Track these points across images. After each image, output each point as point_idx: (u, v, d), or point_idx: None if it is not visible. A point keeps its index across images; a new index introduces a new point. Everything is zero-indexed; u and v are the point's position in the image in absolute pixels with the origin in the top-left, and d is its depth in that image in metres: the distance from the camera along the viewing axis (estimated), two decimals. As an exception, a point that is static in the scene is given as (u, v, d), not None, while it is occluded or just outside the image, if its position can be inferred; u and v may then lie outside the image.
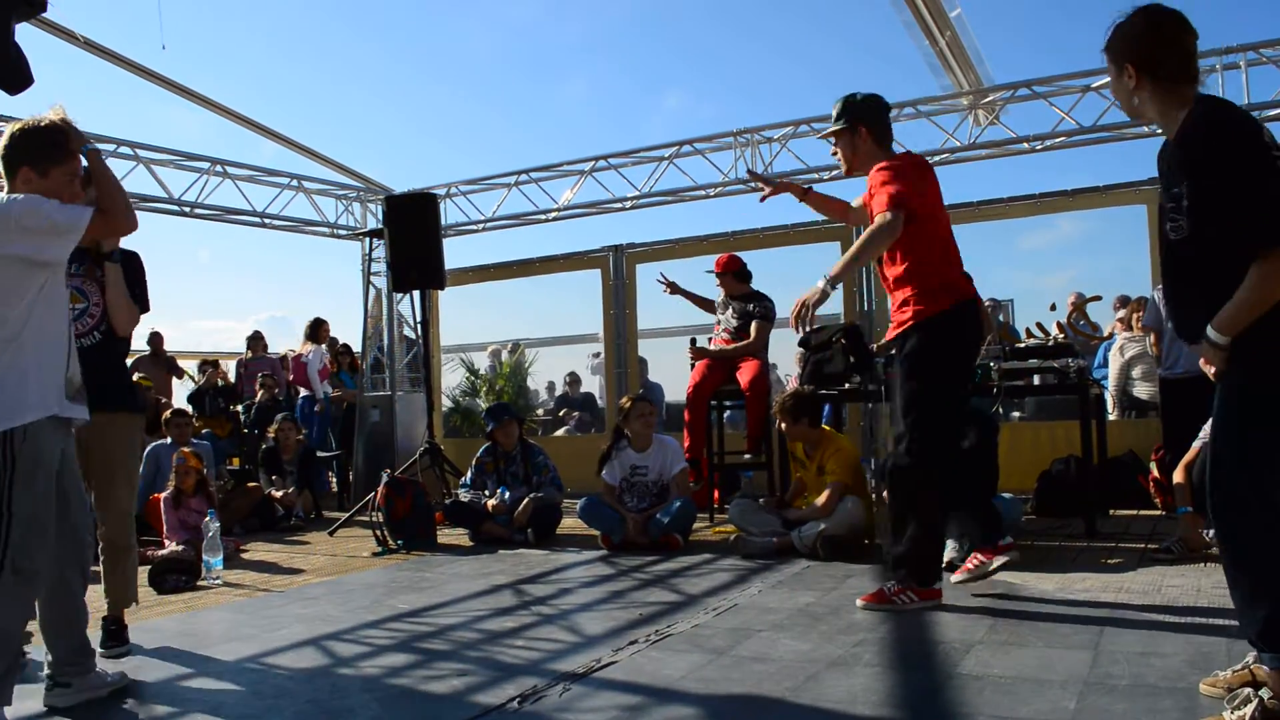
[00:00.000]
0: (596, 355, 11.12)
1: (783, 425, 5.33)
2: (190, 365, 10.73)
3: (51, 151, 2.75)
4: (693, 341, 6.85)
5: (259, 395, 9.37)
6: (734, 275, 6.80)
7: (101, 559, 3.51)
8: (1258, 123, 2.29)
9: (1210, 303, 2.27)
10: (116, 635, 3.56)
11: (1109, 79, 2.53)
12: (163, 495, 6.05)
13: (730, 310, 6.76)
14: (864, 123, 3.70)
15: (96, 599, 3.40)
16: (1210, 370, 2.31)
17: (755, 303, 6.70)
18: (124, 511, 3.58)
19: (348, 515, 7.05)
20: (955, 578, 3.70)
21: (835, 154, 3.84)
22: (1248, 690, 2.25)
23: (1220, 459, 2.33)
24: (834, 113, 3.79)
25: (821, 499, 4.98)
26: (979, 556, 3.67)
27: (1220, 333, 2.24)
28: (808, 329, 3.53)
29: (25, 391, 2.63)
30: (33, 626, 2.88)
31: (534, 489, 6.13)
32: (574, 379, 11.26)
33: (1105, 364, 7.31)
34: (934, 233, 3.62)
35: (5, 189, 2.75)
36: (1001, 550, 3.63)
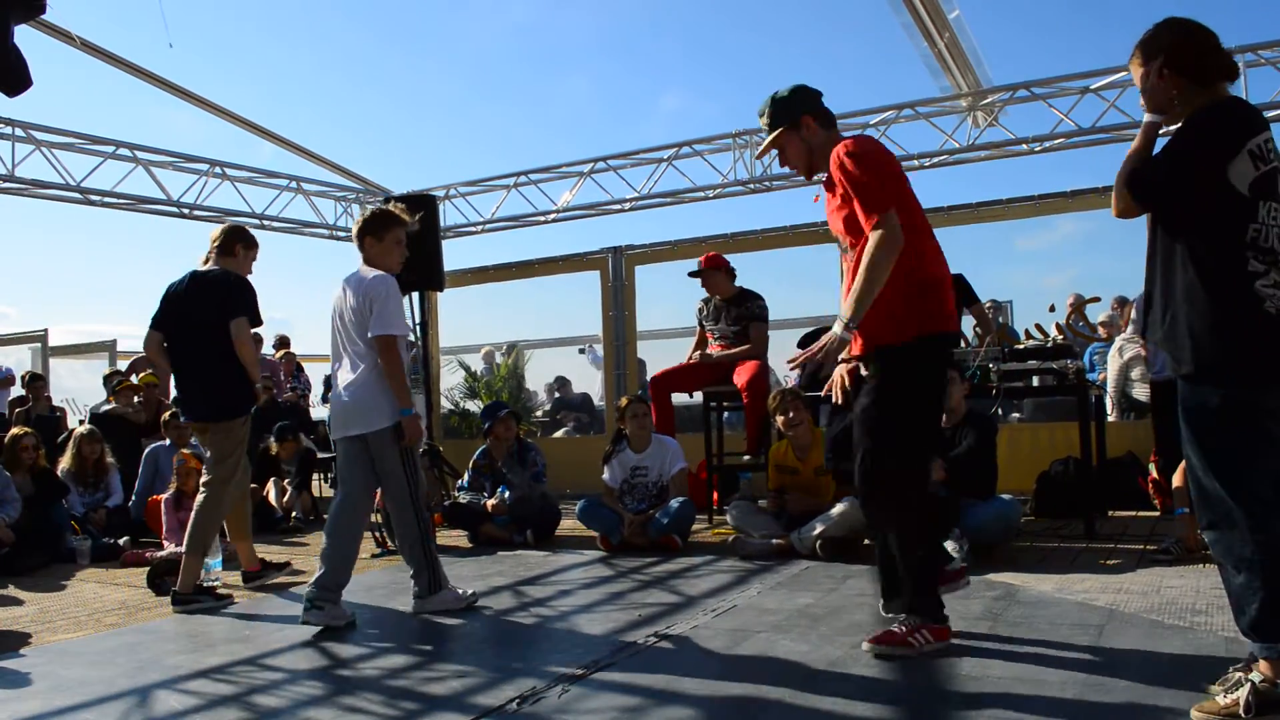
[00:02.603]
0: (590, 347, 11.08)
1: (790, 414, 5.18)
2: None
3: (385, 223, 4.11)
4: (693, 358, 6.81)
5: (260, 399, 9.37)
6: (725, 272, 6.60)
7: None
8: (1244, 125, 2.32)
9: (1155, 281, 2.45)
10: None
11: (1134, 79, 2.56)
12: (164, 497, 6.05)
13: (723, 318, 6.67)
14: (804, 111, 3.19)
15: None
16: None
17: (749, 303, 6.62)
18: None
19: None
20: (865, 645, 3.04)
21: (786, 164, 3.33)
22: (1239, 675, 2.30)
23: (1194, 464, 2.39)
24: (765, 120, 3.26)
25: (837, 510, 4.95)
26: (925, 633, 3.00)
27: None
28: (814, 373, 3.20)
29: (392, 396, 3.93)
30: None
31: (517, 481, 6.11)
32: (562, 382, 11.26)
33: (1091, 369, 7.30)
34: (908, 225, 3.01)
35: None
36: (941, 634, 3.03)
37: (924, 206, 3.20)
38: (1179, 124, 2.43)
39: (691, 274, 6.70)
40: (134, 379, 8.77)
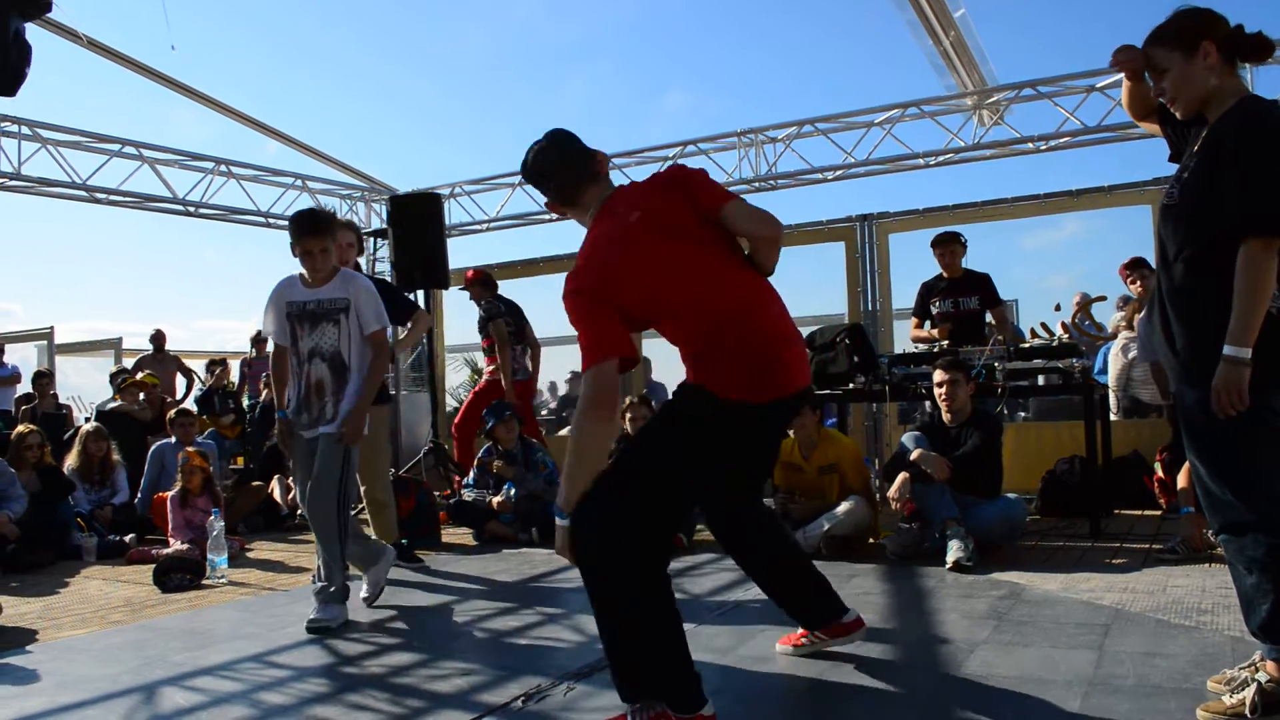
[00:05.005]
0: None
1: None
2: (196, 365, 10.74)
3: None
4: None
5: (263, 395, 9.38)
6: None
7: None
8: None
9: (1173, 285, 2.35)
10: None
11: (1163, 76, 2.40)
12: (169, 494, 6.06)
13: None
14: (554, 179, 2.67)
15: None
16: (1231, 398, 2.19)
17: None
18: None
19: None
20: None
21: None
22: (1245, 674, 2.30)
23: (1201, 470, 2.37)
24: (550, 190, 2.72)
25: (843, 508, 4.95)
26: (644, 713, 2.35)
27: (1238, 345, 2.19)
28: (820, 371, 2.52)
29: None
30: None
31: (529, 486, 6.11)
32: (575, 376, 11.24)
33: (1103, 371, 7.26)
34: (672, 300, 2.49)
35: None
36: None
37: (929, 206, 3.14)
38: (1227, 118, 2.29)
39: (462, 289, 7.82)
40: (139, 376, 8.80)
